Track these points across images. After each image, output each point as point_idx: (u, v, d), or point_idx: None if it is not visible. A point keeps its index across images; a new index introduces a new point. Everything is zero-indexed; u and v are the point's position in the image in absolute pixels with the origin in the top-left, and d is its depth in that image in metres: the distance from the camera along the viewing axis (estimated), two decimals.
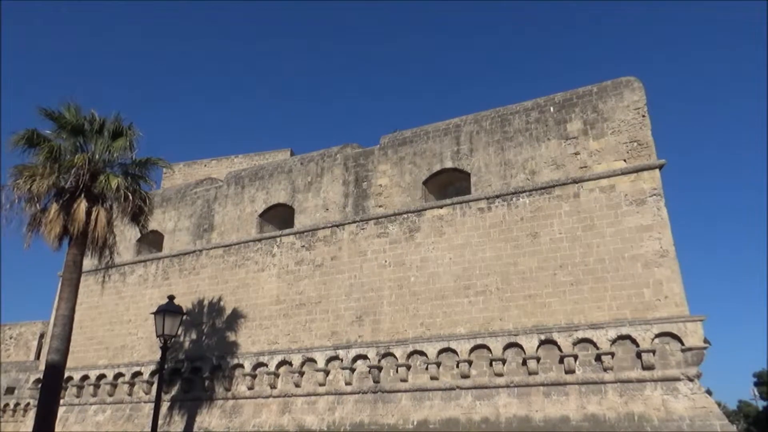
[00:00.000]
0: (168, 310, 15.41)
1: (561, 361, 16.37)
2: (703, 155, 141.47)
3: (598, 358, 15.99)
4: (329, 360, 19.71)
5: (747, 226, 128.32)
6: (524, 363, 16.79)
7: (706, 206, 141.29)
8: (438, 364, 17.91)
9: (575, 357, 16.24)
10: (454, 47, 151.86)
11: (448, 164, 20.48)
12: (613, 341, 15.88)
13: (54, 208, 16.85)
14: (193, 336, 23.08)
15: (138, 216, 18.34)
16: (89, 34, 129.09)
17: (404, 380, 18.36)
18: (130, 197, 17.38)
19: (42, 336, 34.23)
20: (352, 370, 19.24)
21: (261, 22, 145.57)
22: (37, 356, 33.10)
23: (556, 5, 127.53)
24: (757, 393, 50.95)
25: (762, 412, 52.02)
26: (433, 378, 17.93)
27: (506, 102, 21.28)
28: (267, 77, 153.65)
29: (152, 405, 20.53)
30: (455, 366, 17.71)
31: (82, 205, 16.65)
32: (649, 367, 15.38)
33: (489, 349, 17.25)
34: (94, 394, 24.52)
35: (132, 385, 23.65)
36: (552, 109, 19.28)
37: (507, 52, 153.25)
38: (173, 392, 22.61)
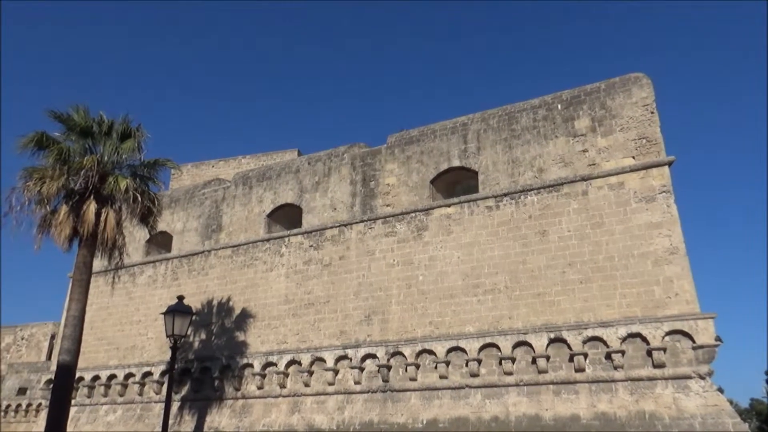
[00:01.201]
0: (177, 310, 15.49)
1: (571, 359, 16.30)
2: (713, 151, 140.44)
3: (608, 356, 15.91)
4: (338, 359, 19.73)
5: (758, 223, 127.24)
6: (534, 362, 16.73)
7: (716, 203, 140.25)
8: (447, 363, 17.89)
9: (585, 355, 16.17)
10: (460, 45, 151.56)
11: (456, 163, 20.43)
12: (624, 339, 15.79)
13: (64, 209, 16.98)
14: (203, 336, 23.18)
15: (147, 217, 18.44)
16: (96, 35, 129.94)
17: (413, 379, 18.34)
18: (139, 198, 17.47)
19: (53, 337, 34.55)
20: (361, 370, 19.26)
21: (267, 22, 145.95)
22: (49, 357, 33.44)
23: (563, 3, 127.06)
24: None
25: None
26: (442, 377, 17.91)
27: (513, 100, 21.18)
28: (274, 77, 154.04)
29: (162, 405, 20.65)
30: (464, 365, 17.68)
31: (91, 207, 16.76)
32: (660, 365, 15.28)
33: (498, 347, 17.20)
34: (105, 395, 24.68)
35: (142, 385, 23.78)
36: (560, 106, 19.19)
37: (514, 50, 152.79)
38: (183, 392, 22.72)
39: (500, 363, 17.16)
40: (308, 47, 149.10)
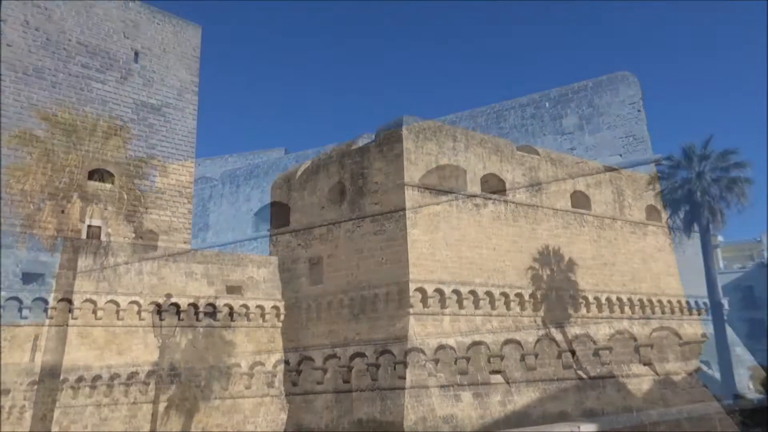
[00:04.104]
0: (166, 310, 15.34)
1: (559, 356, 16.38)
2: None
3: (596, 353, 16.00)
4: (327, 358, 19.63)
5: (744, 222, 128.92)
6: (522, 359, 16.78)
7: None
8: (436, 361, 17.86)
9: (573, 353, 16.24)
10: (448, 44, 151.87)
11: (444, 160, 20.40)
12: (611, 336, 15.89)
13: (48, 207, 16.74)
14: (190, 336, 22.93)
15: (132, 215, 18.24)
16: None
17: (402, 377, 18.28)
18: (125, 196, 17.29)
19: (37, 337, 34.02)
20: (350, 368, 19.17)
21: (254, 20, 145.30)
22: (32, 358, 32.92)
23: (551, 2, 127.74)
24: (752, 387, 51.22)
25: (757, 406, 52.31)
26: (431, 375, 17.88)
27: (501, 98, 21.21)
28: (261, 76, 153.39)
29: (149, 405, 20.42)
30: (453, 363, 17.67)
31: (76, 205, 16.54)
32: (647, 362, 15.39)
33: (487, 345, 17.22)
34: (90, 396, 24.32)
35: (128, 385, 23.46)
36: (547, 104, 19.27)
37: (502, 49, 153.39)
38: (170, 392, 22.46)
39: (489, 361, 17.18)
40: (296, 46, 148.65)
